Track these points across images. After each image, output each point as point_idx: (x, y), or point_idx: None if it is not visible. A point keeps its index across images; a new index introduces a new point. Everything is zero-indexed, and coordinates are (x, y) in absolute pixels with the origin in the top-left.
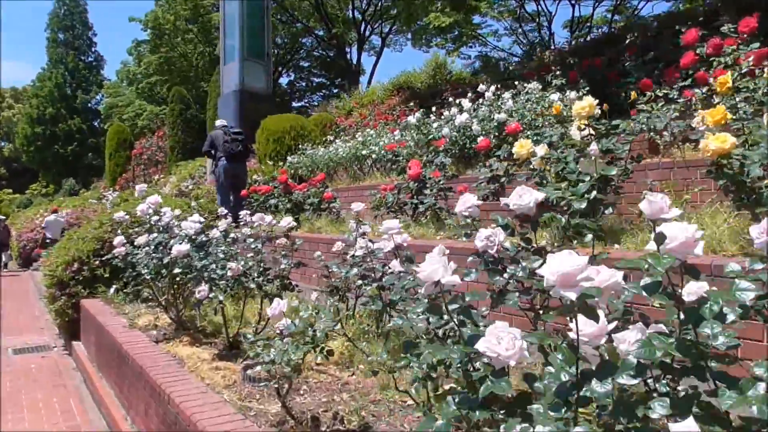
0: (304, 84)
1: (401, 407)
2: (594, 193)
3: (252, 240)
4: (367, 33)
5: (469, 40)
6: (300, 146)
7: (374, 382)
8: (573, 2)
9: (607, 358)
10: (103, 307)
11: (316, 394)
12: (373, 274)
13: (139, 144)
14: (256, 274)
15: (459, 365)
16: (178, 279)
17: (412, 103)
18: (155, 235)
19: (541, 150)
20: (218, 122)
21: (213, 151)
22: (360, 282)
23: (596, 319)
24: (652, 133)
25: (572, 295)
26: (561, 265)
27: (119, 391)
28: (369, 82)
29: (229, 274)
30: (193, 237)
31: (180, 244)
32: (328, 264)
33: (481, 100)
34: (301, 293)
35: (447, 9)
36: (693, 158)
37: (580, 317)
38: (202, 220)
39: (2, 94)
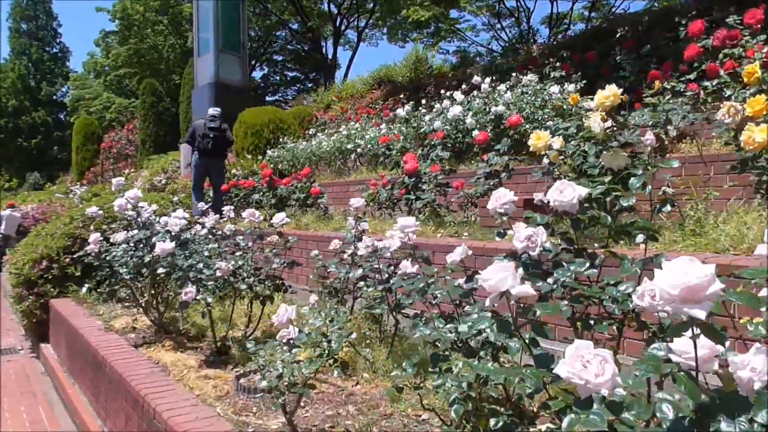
0: (278, 78)
1: (416, 422)
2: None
3: (241, 237)
4: (343, 27)
5: (448, 35)
6: (280, 140)
7: (381, 393)
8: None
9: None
10: (75, 307)
11: (318, 406)
12: (378, 275)
13: (108, 137)
14: (246, 274)
15: (532, 391)
16: (159, 279)
17: (399, 96)
18: (135, 231)
19: (557, 143)
20: (211, 110)
21: (193, 142)
22: (362, 283)
23: (720, 340)
24: (658, 128)
25: (701, 314)
26: (685, 277)
27: (95, 400)
28: (345, 77)
29: (218, 274)
30: (178, 234)
31: (163, 241)
32: (327, 264)
33: (475, 93)
34: (294, 294)
35: (427, 2)
36: (711, 153)
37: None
38: (186, 215)
39: None
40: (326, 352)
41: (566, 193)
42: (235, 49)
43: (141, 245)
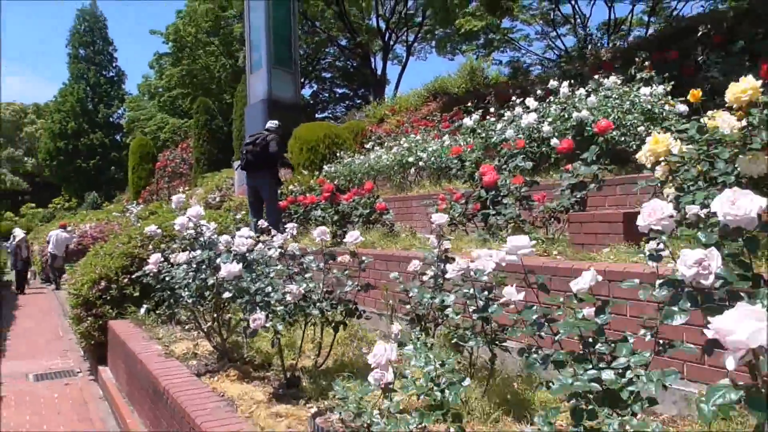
0: (326, 95)
1: None
2: None
3: (310, 258)
4: (392, 42)
5: (501, 44)
6: (336, 155)
7: None
8: (609, 4)
9: None
10: (134, 329)
11: None
12: (468, 301)
13: (162, 156)
14: (317, 298)
15: None
16: (222, 303)
17: (456, 107)
18: (198, 252)
19: (675, 147)
20: (268, 123)
21: None
22: (449, 310)
23: None
24: None
25: None
26: None
27: None
28: (395, 91)
29: (288, 298)
30: (244, 255)
31: (229, 262)
32: (407, 287)
33: (550, 99)
34: (368, 320)
35: (479, 12)
36: None
37: None
38: (253, 234)
39: (25, 110)
40: (439, 402)
41: (741, 204)
42: (287, 66)
43: (204, 266)
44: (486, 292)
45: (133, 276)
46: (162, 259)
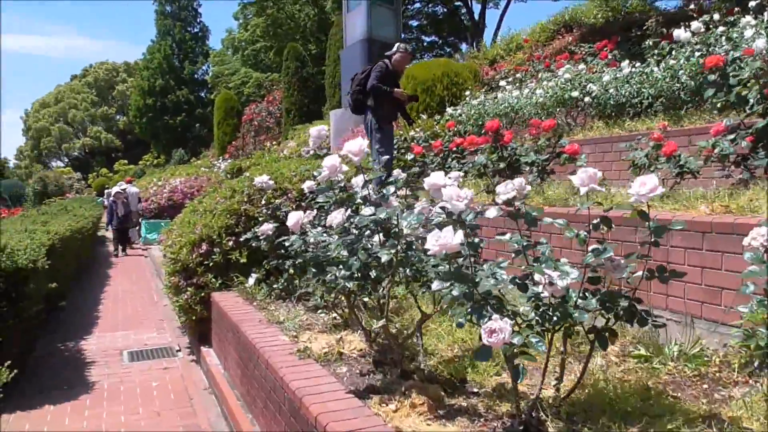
0: (414, 44)
1: None
2: None
3: (561, 223)
4: None
5: None
6: (457, 96)
7: None
8: None
9: None
10: (245, 306)
11: None
12: None
13: (248, 110)
14: (580, 296)
15: None
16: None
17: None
18: (367, 210)
19: None
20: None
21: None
22: None
23: None
24: None
25: None
26: None
27: None
28: (494, 37)
29: (544, 295)
30: (460, 218)
31: (439, 230)
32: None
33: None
34: (661, 327)
35: None
36: None
37: None
38: (471, 192)
39: (117, 68)
40: None
41: None
42: (389, 0)
43: (374, 233)
44: None
45: (241, 239)
46: (276, 222)
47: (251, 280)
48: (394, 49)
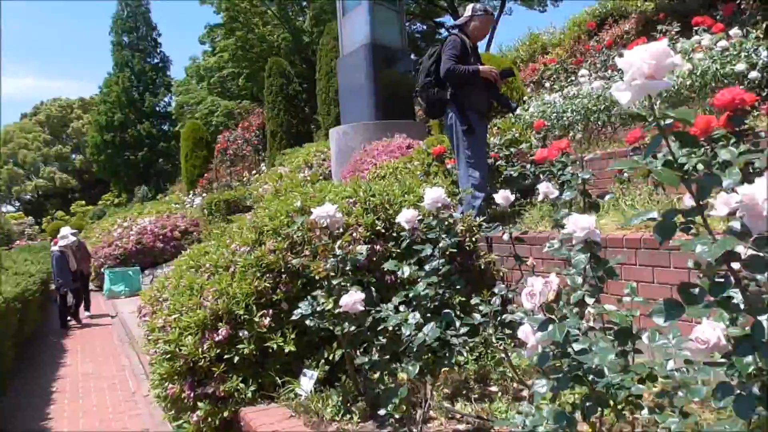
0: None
1: None
2: None
3: None
4: None
5: None
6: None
7: None
8: None
9: None
10: None
11: None
12: None
13: (222, 138)
14: None
15: None
16: None
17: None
18: None
19: None
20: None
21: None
22: None
23: None
24: None
25: None
26: None
27: None
28: (487, 48)
29: None
30: None
31: None
32: None
33: None
34: None
35: None
36: None
37: None
38: None
39: (71, 104)
40: None
41: None
42: (391, 0)
43: None
44: None
45: (295, 317)
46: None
47: (307, 383)
48: (468, 13)
